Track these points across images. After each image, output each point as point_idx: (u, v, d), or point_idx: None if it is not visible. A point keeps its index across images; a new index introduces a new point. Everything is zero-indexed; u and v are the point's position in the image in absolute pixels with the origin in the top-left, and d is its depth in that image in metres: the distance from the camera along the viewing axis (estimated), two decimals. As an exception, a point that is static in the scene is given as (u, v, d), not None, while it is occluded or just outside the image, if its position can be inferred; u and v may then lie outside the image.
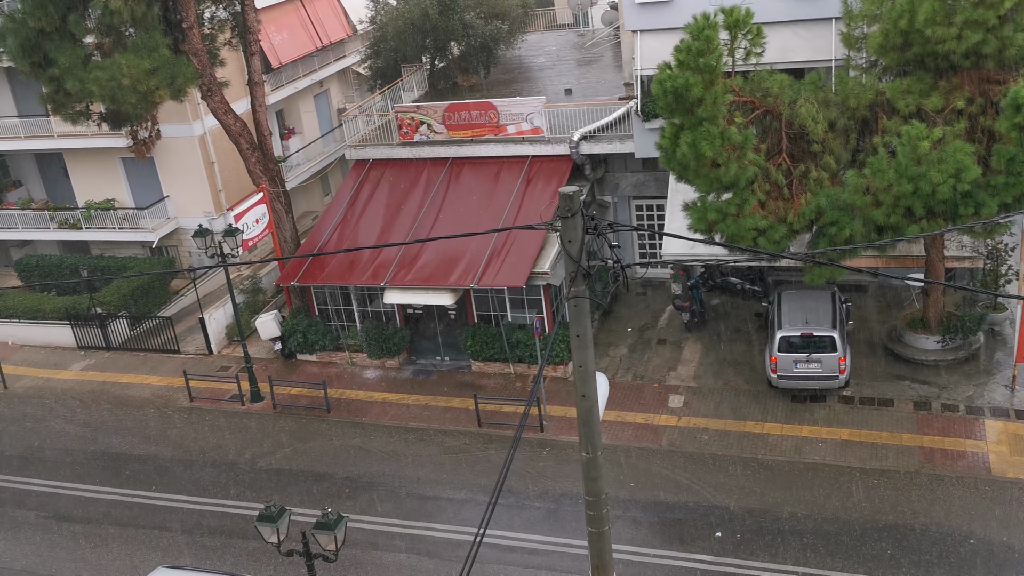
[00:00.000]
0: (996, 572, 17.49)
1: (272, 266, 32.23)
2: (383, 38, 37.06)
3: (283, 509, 14.58)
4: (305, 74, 37.35)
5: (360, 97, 39.59)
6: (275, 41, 35.45)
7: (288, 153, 36.43)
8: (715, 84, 20.32)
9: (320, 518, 14.33)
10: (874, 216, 20.24)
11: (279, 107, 37.20)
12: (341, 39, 39.74)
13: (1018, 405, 22.11)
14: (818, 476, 20.57)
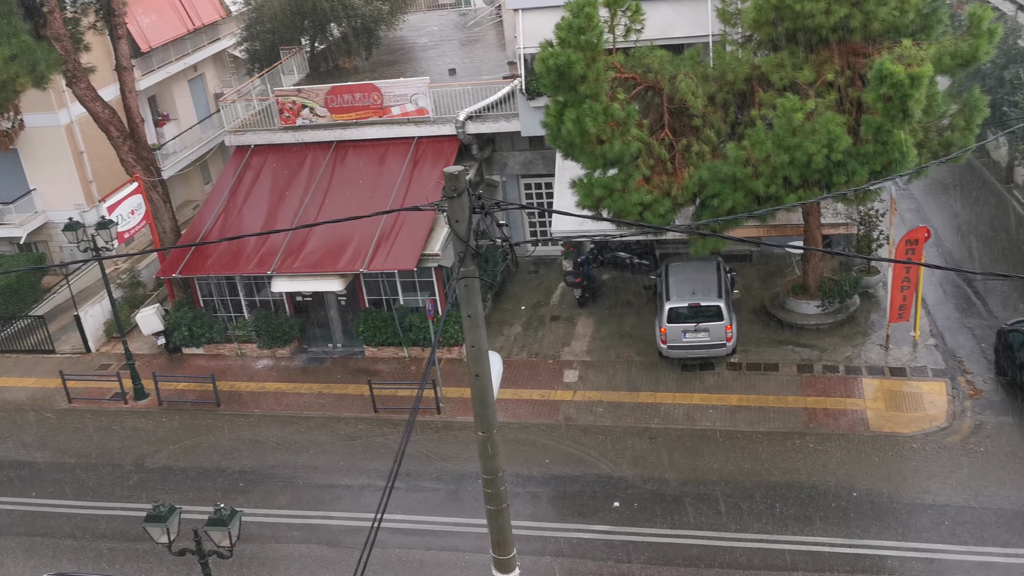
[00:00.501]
0: (878, 521, 18.33)
1: (152, 258, 31.06)
2: (259, 20, 36.04)
3: (172, 508, 14.10)
4: (177, 58, 36.01)
5: (238, 81, 38.43)
6: (143, 24, 34.01)
7: (163, 141, 35.11)
8: (597, 61, 20.50)
9: (212, 514, 13.92)
10: (754, 187, 20.80)
11: (151, 93, 35.79)
12: (215, 21, 38.45)
13: (892, 363, 23.19)
14: (710, 442, 21.14)
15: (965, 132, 22.21)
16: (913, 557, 17.44)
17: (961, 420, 21.07)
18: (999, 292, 26.02)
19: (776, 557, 17.76)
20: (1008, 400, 21.54)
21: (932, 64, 20.06)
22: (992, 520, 18.08)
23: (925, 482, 19.32)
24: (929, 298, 25.82)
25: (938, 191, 33.02)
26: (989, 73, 30.96)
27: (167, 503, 14.21)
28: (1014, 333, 21.95)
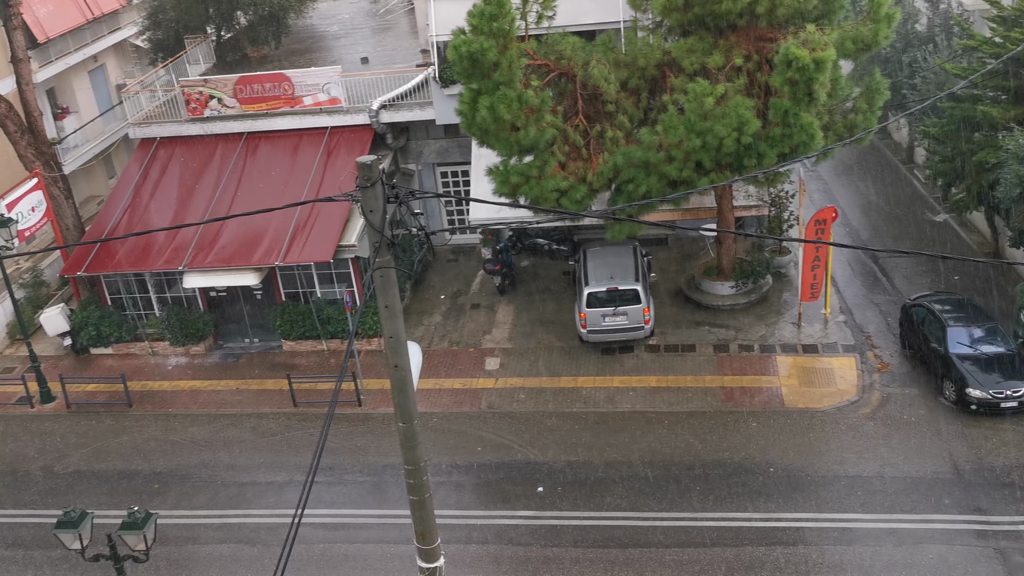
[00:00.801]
0: (794, 494, 18.83)
1: (55, 256, 29.96)
2: (161, 8, 34.94)
3: (84, 513, 13.64)
4: (76, 48, 34.66)
5: (141, 72, 37.22)
6: (39, 14, 32.65)
7: (63, 134, 33.81)
8: (510, 48, 20.47)
9: (127, 518, 13.51)
10: (668, 171, 21.08)
11: (50, 85, 34.41)
12: (115, 10, 37.11)
13: (804, 340, 23.82)
14: (631, 424, 21.40)
15: (868, 114, 22.89)
16: (828, 527, 17.96)
17: (870, 393, 21.76)
18: (903, 269, 26.93)
19: (698, 534, 18.09)
20: (913, 372, 22.33)
21: (835, 49, 20.59)
22: (900, 488, 18.74)
23: (838, 454, 19.91)
24: (838, 276, 26.58)
25: (844, 172, 33.99)
26: (889, 57, 31.93)
27: (78, 508, 13.74)
28: (917, 308, 22.76)
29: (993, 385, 20.22)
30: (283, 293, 25.79)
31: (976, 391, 20.21)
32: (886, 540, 17.53)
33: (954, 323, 21.58)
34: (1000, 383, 20.26)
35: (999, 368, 20.58)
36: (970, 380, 20.36)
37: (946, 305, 22.36)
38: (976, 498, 18.28)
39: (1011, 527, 17.49)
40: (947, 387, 20.96)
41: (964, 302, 22.69)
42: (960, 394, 20.48)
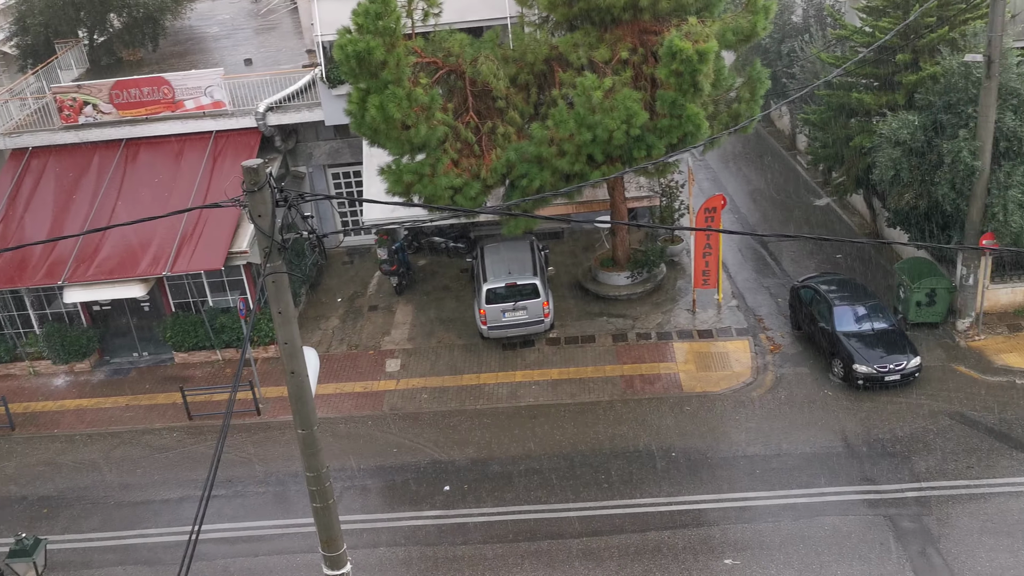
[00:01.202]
0: (696, 477, 19.24)
1: (-76, 276, 28.26)
2: (29, 12, 33.32)
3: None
4: (-62, 55, 32.84)
5: (9, 79, 35.46)
6: None
7: (-72, 147, 31.94)
8: (397, 46, 20.28)
9: (14, 545, 12.84)
10: (560, 165, 21.24)
11: (-90, 95, 32.45)
12: (-21, 14, 35.32)
13: (699, 326, 24.36)
14: (535, 417, 21.51)
15: (751, 103, 23.54)
16: (729, 507, 18.42)
17: (764, 374, 22.41)
18: (790, 252, 27.83)
19: (603, 522, 18.31)
20: (804, 352, 23.09)
21: (717, 40, 21.07)
22: (796, 464, 19.36)
23: (736, 435, 20.44)
24: (729, 262, 27.28)
25: (731, 160, 34.92)
26: (768, 48, 32.96)
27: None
28: (805, 289, 23.54)
29: (877, 360, 21.07)
30: (172, 304, 24.97)
31: (862, 367, 21.02)
32: (784, 515, 18.08)
33: (839, 302, 22.39)
34: (884, 358, 21.12)
35: (883, 344, 21.46)
36: (856, 356, 21.17)
37: (832, 285, 23.19)
38: (866, 469, 19.02)
39: (898, 495, 18.27)
40: (835, 364, 21.74)
41: (848, 282, 23.58)
42: (847, 370, 21.27)
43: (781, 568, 16.88)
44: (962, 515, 17.64)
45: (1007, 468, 18.65)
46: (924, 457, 19.14)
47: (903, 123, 22.24)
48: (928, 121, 22.30)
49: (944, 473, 18.66)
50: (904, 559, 16.81)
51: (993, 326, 23.09)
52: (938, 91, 22.35)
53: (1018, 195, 21.16)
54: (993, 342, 22.56)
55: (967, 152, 21.09)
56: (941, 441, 19.53)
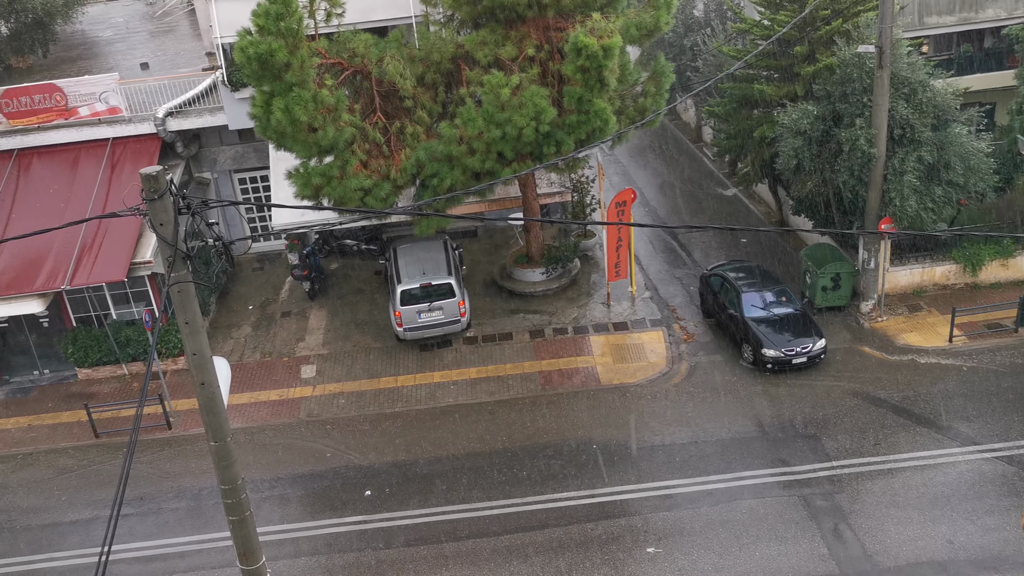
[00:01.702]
0: (617, 468, 19.42)
1: None
2: (-92, 17, 31.76)
3: None
4: None
5: None
6: None
7: None
8: (300, 48, 19.92)
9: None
10: (471, 164, 21.18)
11: None
12: None
13: (614, 319, 24.61)
14: (454, 417, 21.42)
15: (656, 97, 23.88)
16: (650, 496, 18.65)
17: (679, 363, 22.77)
18: (700, 242, 28.35)
19: (527, 518, 18.34)
20: (716, 340, 23.54)
21: (621, 35, 21.30)
22: (713, 450, 19.72)
23: (654, 425, 20.71)
24: (641, 254, 27.65)
25: (640, 154, 35.40)
26: (672, 42, 33.50)
27: None
28: (713, 277, 24.01)
29: (785, 344, 21.61)
30: (73, 318, 24.08)
31: (770, 351, 21.54)
32: (703, 501, 18.39)
33: (747, 289, 22.90)
34: (791, 341, 21.68)
35: (789, 328, 22.03)
36: (764, 341, 21.68)
37: (739, 273, 23.70)
38: (780, 452, 19.49)
39: (811, 475, 18.77)
40: (745, 349, 22.23)
41: (755, 269, 24.13)
42: (757, 355, 21.77)
43: (702, 553, 17.17)
44: (871, 491, 18.23)
45: (911, 443, 19.34)
46: (834, 437, 19.71)
47: (803, 113, 22.84)
48: (826, 111, 22.96)
49: (853, 451, 19.25)
50: (818, 536, 17.28)
51: (894, 307, 23.92)
52: (835, 81, 23.02)
53: (913, 180, 21.94)
54: (895, 323, 23.36)
55: (864, 140, 21.78)
56: (849, 421, 20.14)
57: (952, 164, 22.14)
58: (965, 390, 20.74)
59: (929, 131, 22.22)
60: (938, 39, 28.83)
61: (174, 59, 31.55)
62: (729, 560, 16.95)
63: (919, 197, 22.11)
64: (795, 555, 16.92)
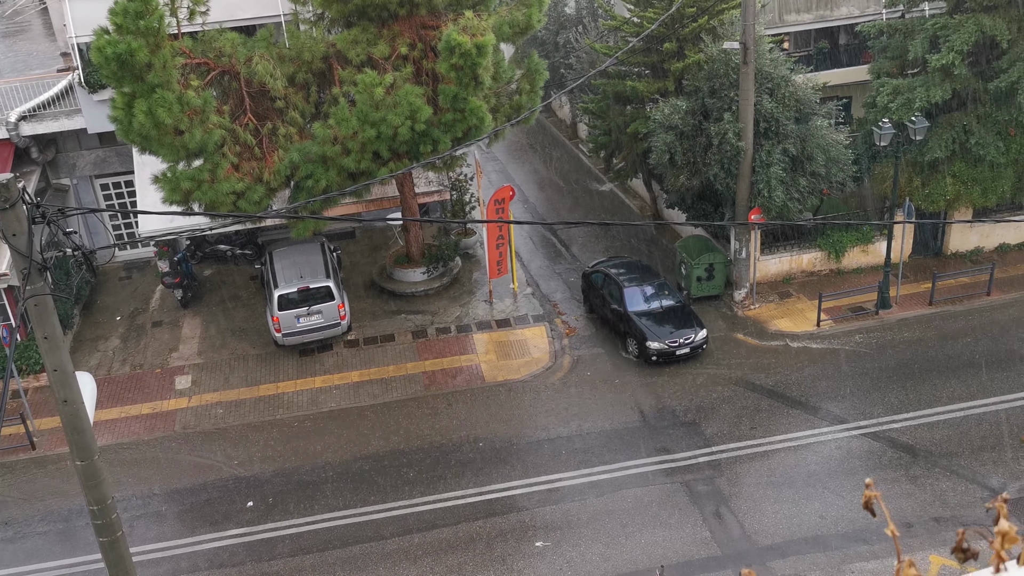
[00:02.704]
0: (504, 465, 19.48)
1: None
2: None
3: None
4: None
5: None
6: None
7: None
8: (162, 47, 19.18)
9: None
10: (346, 164, 20.87)
11: None
12: None
13: (497, 316, 24.69)
14: (338, 422, 21.07)
15: (531, 95, 24.05)
16: (537, 491, 18.78)
17: (562, 358, 23.02)
18: (579, 237, 28.72)
19: (415, 520, 18.21)
20: (598, 333, 23.90)
21: (494, 33, 21.36)
22: (597, 442, 20.01)
23: (540, 420, 20.87)
24: (522, 251, 27.81)
25: (517, 151, 35.61)
26: (545, 39, 33.80)
27: None
28: (595, 274, 24.37)
29: (668, 336, 22.11)
30: (-75, 336, 22.56)
31: (654, 343, 22.00)
32: (589, 493, 18.65)
33: (628, 284, 23.32)
34: (673, 333, 22.20)
35: (671, 320, 22.54)
36: (648, 334, 22.13)
37: (620, 268, 24.11)
38: (661, 440, 19.94)
39: (692, 461, 19.28)
40: (630, 343, 22.64)
41: (635, 263, 24.61)
42: (642, 348, 22.20)
43: (590, 544, 17.40)
44: (749, 473, 18.84)
45: (785, 425, 20.09)
46: (713, 423, 20.29)
47: (674, 109, 23.41)
48: (696, 106, 23.60)
49: (731, 436, 19.86)
50: (700, 520, 17.75)
51: (766, 295, 24.80)
52: (703, 77, 23.68)
53: (779, 172, 22.77)
54: (766, 310, 24.22)
55: (732, 134, 22.48)
56: (727, 406, 20.77)
57: (814, 156, 23.07)
58: (832, 372, 21.68)
59: (792, 124, 23.10)
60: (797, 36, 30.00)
61: (26, 60, 29.92)
62: (616, 549, 17.24)
63: (785, 188, 22.96)
64: (679, 540, 17.33)
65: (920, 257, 25.87)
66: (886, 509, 1.99)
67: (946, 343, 22.30)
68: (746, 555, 16.90)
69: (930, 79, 23.07)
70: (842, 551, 16.77)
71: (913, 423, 19.71)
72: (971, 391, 20.56)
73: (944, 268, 24.88)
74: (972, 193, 24.19)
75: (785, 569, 16.53)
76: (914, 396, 20.59)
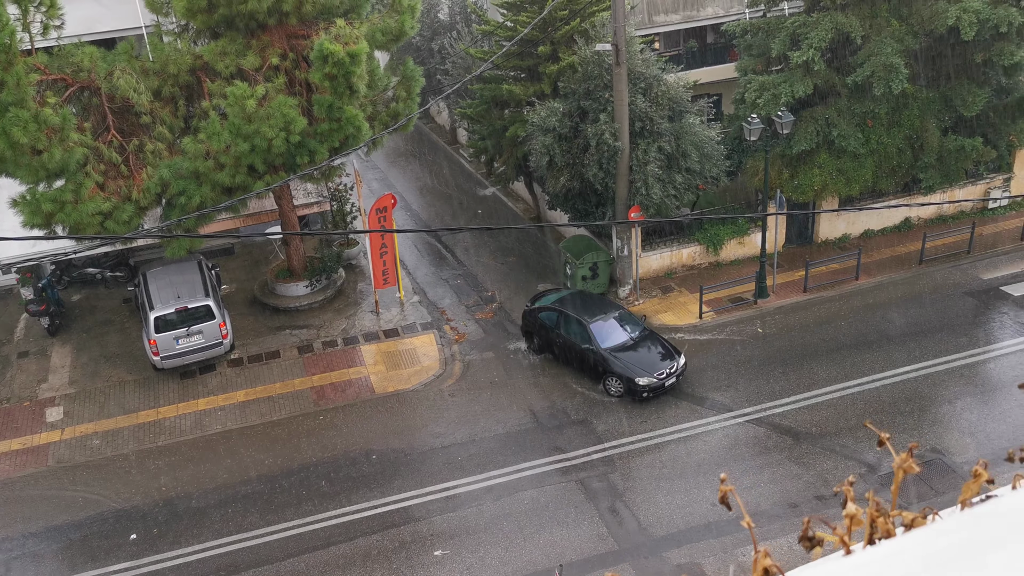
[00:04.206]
0: (399, 476, 19.24)
1: None
2: None
3: None
4: None
5: None
6: None
7: None
8: (15, 64, 18.22)
9: None
10: (220, 179, 20.28)
11: None
12: None
13: (385, 326, 24.42)
14: (225, 444, 20.43)
15: (408, 102, 23.88)
16: (433, 500, 18.62)
17: (452, 364, 22.91)
18: (464, 243, 28.68)
19: (311, 539, 17.79)
20: (486, 338, 23.88)
21: (367, 41, 21.11)
22: (492, 446, 19.99)
23: (433, 428, 20.71)
24: (407, 259, 27.59)
25: (398, 159, 35.36)
26: (420, 46, 33.69)
27: None
28: (545, 312, 22.33)
29: (655, 369, 20.69)
30: None
31: (644, 379, 20.52)
32: (485, 498, 18.59)
33: (592, 320, 21.69)
34: (657, 364, 20.82)
35: (647, 351, 21.20)
36: (635, 371, 20.65)
37: (572, 304, 22.40)
38: (555, 439, 20.06)
39: (586, 459, 19.46)
40: (611, 383, 20.98)
41: (580, 295, 23.13)
42: (630, 385, 20.63)
43: (489, 548, 17.34)
44: (641, 467, 19.14)
45: (674, 416, 20.50)
46: (604, 419, 20.52)
47: (550, 111, 23.63)
48: (573, 108, 23.88)
49: (622, 431, 20.13)
50: (597, 517, 17.92)
51: (649, 290, 25.28)
52: (578, 79, 23.98)
53: (656, 170, 23.24)
54: (650, 304, 24.69)
55: (609, 134, 22.83)
56: (616, 402, 21.04)
57: (689, 153, 23.65)
58: (716, 362, 22.25)
59: (666, 123, 23.62)
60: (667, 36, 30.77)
61: None
62: (515, 552, 17.23)
63: (662, 185, 23.45)
64: (577, 538, 17.45)
65: (793, 246, 26.85)
66: (740, 501, 1.99)
67: (821, 328, 23.18)
68: (642, 547, 17.15)
69: (793, 75, 23.97)
70: (733, 535, 17.19)
71: (794, 407, 20.40)
72: (846, 372, 21.42)
73: (815, 256, 25.87)
74: (837, 183, 25.23)
75: (680, 558, 16.84)
76: (794, 381, 21.31)
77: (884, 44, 23.50)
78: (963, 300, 23.94)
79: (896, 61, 23.17)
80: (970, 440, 19.13)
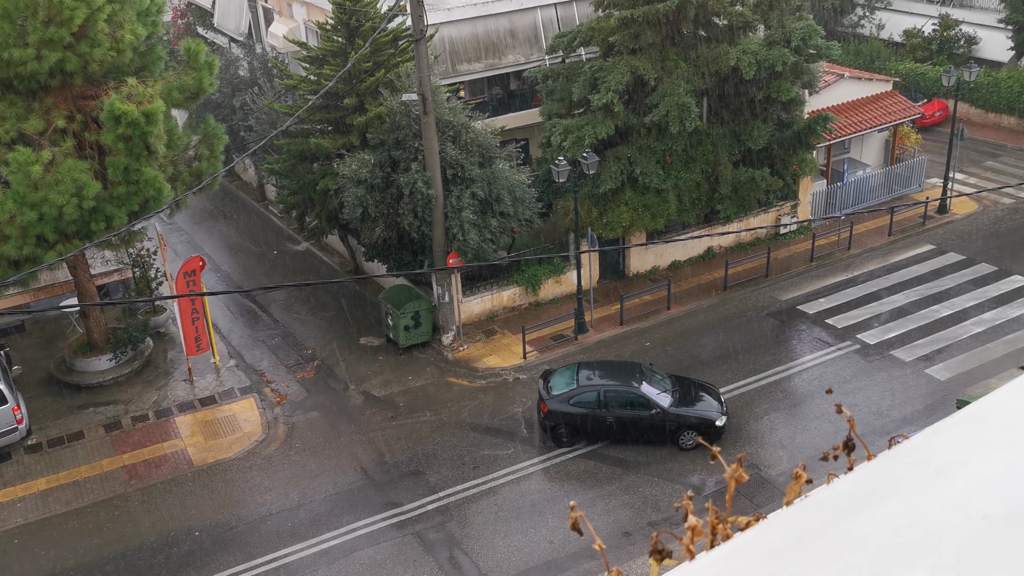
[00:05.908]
0: (225, 551, 18.20)
1: None
2: None
3: None
4: None
5: None
6: None
7: None
8: None
9: None
10: (5, 252, 18.91)
11: None
12: None
13: (200, 394, 23.24)
14: (27, 538, 18.70)
15: (211, 160, 23.07)
16: (264, 571, 17.72)
17: (275, 427, 22.06)
18: (279, 300, 27.84)
19: (131, 632, 16.51)
20: (310, 398, 23.16)
21: (163, 99, 20.29)
22: (324, 508, 19.29)
23: (259, 496, 19.78)
24: (220, 322, 26.45)
25: (205, 219, 34.06)
26: (221, 103, 32.72)
27: None
28: (581, 395, 20.55)
29: (717, 407, 20.40)
30: None
31: (721, 420, 20.13)
32: (319, 562, 17.88)
33: (637, 385, 20.57)
34: (716, 402, 20.57)
35: (692, 394, 20.80)
36: (709, 415, 20.19)
37: (601, 378, 21.01)
38: (388, 494, 19.60)
39: (421, 510, 19.11)
40: (686, 437, 20.12)
41: (594, 363, 22.03)
42: (710, 430, 19.97)
43: (326, 617, 16.64)
44: (477, 512, 18.98)
45: (506, 459, 20.50)
46: (436, 469, 20.26)
47: (361, 163, 23.44)
48: (384, 158, 23.78)
49: (456, 479, 19.93)
50: (436, 568, 17.58)
51: (472, 335, 25.34)
52: (386, 129, 23.94)
53: (470, 215, 23.44)
54: (475, 349, 24.74)
55: (421, 183, 22.86)
56: (448, 451, 20.85)
57: (501, 197, 24.01)
58: (543, 401, 22.48)
59: (477, 168, 23.91)
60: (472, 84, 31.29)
61: None
62: (354, 617, 16.62)
63: (478, 230, 23.66)
64: (417, 594, 17.04)
65: (607, 281, 27.69)
66: (590, 526, 2.14)
67: (639, 358, 23.92)
68: (484, 595, 16.95)
69: (594, 117, 24.89)
70: (573, 569, 17.28)
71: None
72: (666, 400, 22.13)
73: (629, 289, 26.76)
74: (644, 218, 26.29)
75: (523, 601, 16.75)
76: (618, 412, 21.80)
77: (676, 85, 24.83)
78: (766, 321, 25.38)
79: (688, 101, 24.50)
80: (783, 453, 20.16)
